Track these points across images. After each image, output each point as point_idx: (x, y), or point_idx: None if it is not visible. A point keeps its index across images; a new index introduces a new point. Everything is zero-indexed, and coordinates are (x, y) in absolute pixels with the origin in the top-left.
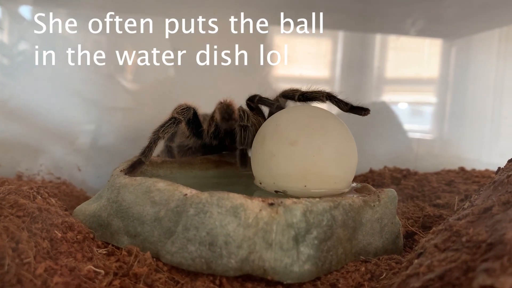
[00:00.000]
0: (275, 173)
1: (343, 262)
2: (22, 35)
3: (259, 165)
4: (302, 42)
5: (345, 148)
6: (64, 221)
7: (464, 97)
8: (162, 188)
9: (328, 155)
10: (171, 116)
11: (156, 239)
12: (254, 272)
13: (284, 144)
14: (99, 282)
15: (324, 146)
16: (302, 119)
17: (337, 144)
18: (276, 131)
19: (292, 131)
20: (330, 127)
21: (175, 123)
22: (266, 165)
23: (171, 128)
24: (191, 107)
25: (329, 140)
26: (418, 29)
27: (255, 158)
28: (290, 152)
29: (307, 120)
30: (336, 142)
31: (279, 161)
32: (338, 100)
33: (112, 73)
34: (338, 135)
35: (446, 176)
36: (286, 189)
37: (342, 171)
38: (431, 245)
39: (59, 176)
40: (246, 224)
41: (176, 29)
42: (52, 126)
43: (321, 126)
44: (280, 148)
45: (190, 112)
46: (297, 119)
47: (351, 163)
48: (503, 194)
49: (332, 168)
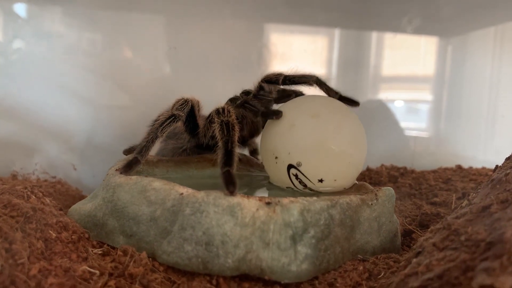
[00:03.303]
0: (293, 144)
1: (341, 261)
2: (16, 33)
3: (276, 138)
4: (298, 40)
5: (360, 135)
6: (58, 221)
7: (460, 95)
8: (158, 187)
9: (347, 134)
10: (171, 113)
11: (152, 238)
12: (251, 271)
13: (305, 115)
14: (94, 283)
15: (344, 124)
16: (323, 99)
17: (355, 128)
18: (298, 105)
19: (313, 105)
20: (348, 111)
21: (175, 121)
22: (284, 136)
23: (170, 126)
24: (189, 100)
25: (348, 120)
26: (414, 27)
27: (271, 132)
28: (310, 123)
29: (327, 100)
30: (353, 125)
31: (298, 132)
32: (328, 87)
33: (108, 71)
34: (355, 120)
35: (443, 174)
36: (301, 161)
37: (356, 154)
38: (430, 244)
39: (54, 175)
40: (243, 223)
41: (172, 26)
42: (47, 125)
43: (341, 106)
44: (300, 119)
45: (189, 106)
46: (318, 98)
47: (362, 153)
48: (502, 192)
49: (349, 147)
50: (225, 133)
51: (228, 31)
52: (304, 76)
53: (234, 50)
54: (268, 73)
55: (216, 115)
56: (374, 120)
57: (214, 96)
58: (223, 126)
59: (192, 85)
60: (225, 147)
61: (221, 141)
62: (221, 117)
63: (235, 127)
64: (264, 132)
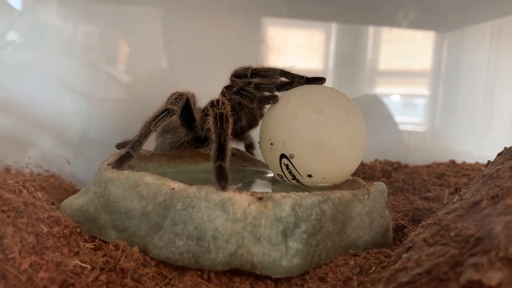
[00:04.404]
0: (290, 135)
1: (332, 256)
2: (11, 25)
3: (275, 125)
4: (295, 34)
5: (360, 138)
6: (50, 215)
7: (456, 90)
8: (149, 182)
9: (346, 135)
10: (165, 108)
11: (144, 233)
12: (243, 266)
13: (309, 109)
14: (85, 277)
15: (346, 125)
16: (333, 93)
17: (356, 130)
18: (304, 96)
19: (320, 99)
20: (355, 110)
21: (169, 115)
22: (283, 125)
23: (164, 121)
24: (183, 94)
25: (351, 120)
26: (410, 21)
27: (272, 117)
28: (312, 118)
29: (337, 95)
30: (355, 127)
31: (298, 124)
32: (293, 75)
33: (103, 64)
34: (359, 121)
35: (437, 169)
36: (294, 154)
37: (352, 157)
38: (420, 239)
39: (48, 169)
40: (234, 218)
41: (168, 20)
42: (41, 118)
43: (348, 104)
44: (303, 111)
45: (183, 100)
46: (327, 91)
47: (358, 156)
48: (492, 188)
49: (345, 150)
50: (219, 125)
51: (224, 25)
52: (268, 69)
53: (231, 43)
54: (236, 68)
55: (211, 107)
56: (369, 114)
57: (210, 90)
58: (217, 118)
59: (188, 78)
60: (218, 140)
61: (214, 133)
62: (215, 110)
63: (229, 119)
64: (266, 116)
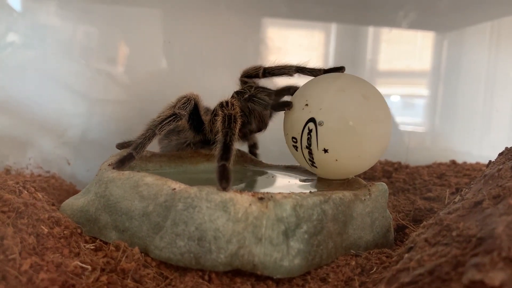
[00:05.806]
0: (331, 104)
1: (333, 256)
2: (11, 26)
3: (319, 92)
4: (295, 34)
5: (386, 142)
6: (50, 216)
7: (456, 90)
8: (150, 182)
9: (379, 131)
10: (172, 112)
11: (145, 234)
12: (244, 267)
13: (357, 93)
14: (86, 278)
15: (382, 121)
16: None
17: (388, 128)
18: (352, 82)
19: (366, 87)
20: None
21: (176, 120)
22: (327, 93)
23: (171, 125)
24: (191, 99)
25: (387, 122)
26: (410, 21)
27: (316, 85)
28: (359, 100)
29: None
30: (388, 125)
31: (344, 98)
32: (310, 69)
33: (103, 65)
34: (390, 128)
35: (438, 169)
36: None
37: (370, 155)
38: (422, 240)
39: (48, 169)
40: (235, 218)
41: (167, 20)
42: (41, 119)
43: (388, 110)
44: (352, 91)
45: (191, 105)
46: (372, 86)
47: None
48: (494, 188)
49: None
50: (226, 125)
51: (224, 25)
52: (283, 67)
53: (230, 44)
54: (247, 68)
55: (220, 108)
56: None
57: (210, 91)
58: (225, 118)
59: (187, 79)
60: (223, 140)
61: (221, 132)
62: (224, 110)
63: (237, 120)
64: (309, 82)
